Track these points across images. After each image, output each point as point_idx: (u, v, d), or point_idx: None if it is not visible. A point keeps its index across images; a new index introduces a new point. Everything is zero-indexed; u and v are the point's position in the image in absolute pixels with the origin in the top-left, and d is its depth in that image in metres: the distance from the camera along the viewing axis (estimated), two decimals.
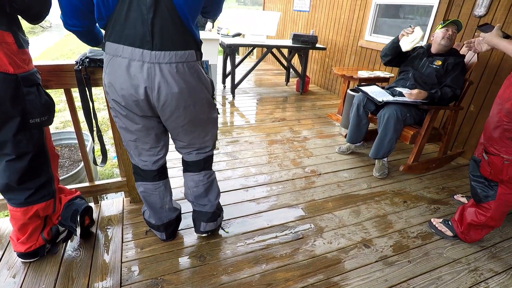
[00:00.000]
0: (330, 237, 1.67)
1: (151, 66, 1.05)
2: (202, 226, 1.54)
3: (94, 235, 1.58)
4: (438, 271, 1.50)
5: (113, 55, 1.07)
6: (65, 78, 1.40)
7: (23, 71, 1.09)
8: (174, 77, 1.08)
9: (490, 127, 1.42)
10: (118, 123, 1.26)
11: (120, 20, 1.02)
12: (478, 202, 1.57)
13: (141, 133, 1.25)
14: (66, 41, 11.70)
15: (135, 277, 1.35)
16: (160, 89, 1.09)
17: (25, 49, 1.11)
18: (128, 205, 1.81)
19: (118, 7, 1.00)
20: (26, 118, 1.13)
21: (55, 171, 1.35)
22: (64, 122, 4.18)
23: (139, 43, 1.02)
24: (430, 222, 1.80)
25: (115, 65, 1.08)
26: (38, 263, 1.39)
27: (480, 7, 2.40)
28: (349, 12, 3.94)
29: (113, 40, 1.05)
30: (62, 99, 5.00)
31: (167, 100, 1.12)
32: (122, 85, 1.09)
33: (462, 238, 1.67)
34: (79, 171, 2.41)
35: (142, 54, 1.03)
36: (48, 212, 1.36)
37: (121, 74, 1.07)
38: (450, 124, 2.37)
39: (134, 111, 1.17)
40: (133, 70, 1.06)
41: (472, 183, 1.58)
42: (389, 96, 2.29)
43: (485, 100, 2.48)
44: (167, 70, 1.07)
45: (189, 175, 1.47)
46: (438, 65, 2.22)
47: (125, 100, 1.13)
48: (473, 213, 1.59)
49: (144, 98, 1.10)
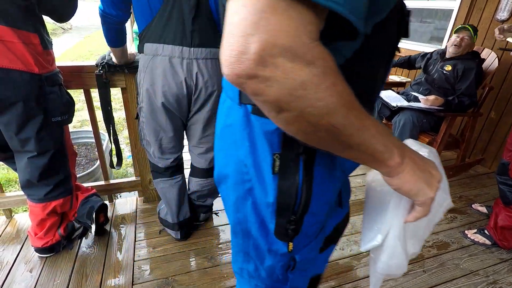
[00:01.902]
0: (342, 244, 1.64)
1: (189, 62, 1.15)
2: (201, 216, 1.67)
3: (108, 233, 1.61)
4: (454, 283, 1.45)
5: (153, 54, 1.15)
6: (85, 79, 1.44)
7: (47, 71, 1.13)
8: (208, 71, 1.19)
9: None
10: (148, 123, 1.29)
11: (162, 21, 1.10)
12: (508, 205, 1.57)
13: (168, 132, 1.31)
14: (85, 42, 12.05)
15: (146, 276, 1.37)
16: (198, 80, 1.18)
17: (50, 50, 1.15)
18: (142, 204, 1.84)
19: (162, 9, 1.09)
20: (48, 116, 1.17)
21: (72, 168, 1.39)
22: (81, 121, 4.29)
23: (179, 41, 1.12)
24: (464, 234, 1.77)
25: (156, 63, 1.15)
26: (54, 258, 1.42)
27: (503, 11, 2.33)
28: None
29: (152, 41, 1.14)
30: (80, 99, 5.14)
31: (202, 91, 1.21)
32: (163, 82, 1.16)
33: (501, 245, 1.65)
34: (95, 170, 2.47)
35: (181, 51, 1.13)
36: (65, 209, 1.40)
37: (162, 71, 1.15)
38: (468, 131, 2.30)
39: (171, 107, 1.23)
40: (174, 66, 1.15)
41: (500, 186, 1.59)
42: (404, 102, 2.25)
43: (506, 106, 2.39)
44: (203, 64, 1.17)
45: (195, 180, 1.53)
46: (448, 71, 2.18)
47: (166, 97, 1.19)
48: (504, 217, 1.59)
49: (185, 92, 1.19)
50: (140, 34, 1.18)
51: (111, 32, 1.22)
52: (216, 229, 1.69)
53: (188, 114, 1.31)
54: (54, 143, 1.23)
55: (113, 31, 1.22)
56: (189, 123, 1.35)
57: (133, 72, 1.44)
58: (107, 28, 1.19)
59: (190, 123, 1.35)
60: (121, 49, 1.32)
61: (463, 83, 2.11)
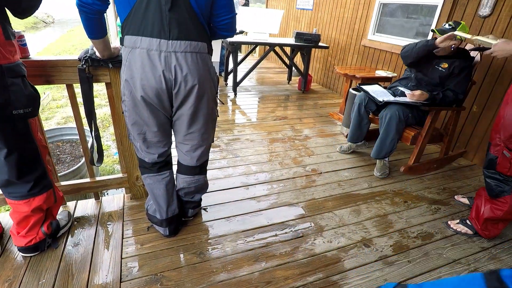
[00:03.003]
0: (330, 236, 1.67)
1: (168, 55, 1.13)
2: (189, 212, 1.66)
3: (95, 230, 1.58)
4: (438, 271, 1.50)
5: (132, 47, 1.13)
6: (67, 74, 1.40)
7: (8, 62, 1.09)
8: (188, 65, 1.16)
9: (510, 127, 1.47)
10: (130, 117, 1.27)
11: (139, 13, 1.08)
12: (494, 197, 1.62)
13: (152, 127, 1.29)
14: (68, 36, 11.70)
15: (135, 273, 1.36)
16: (177, 74, 1.16)
17: (12, 41, 1.11)
18: (129, 201, 1.82)
19: (138, 1, 1.07)
20: (9, 109, 1.12)
21: (46, 163, 1.34)
22: (65, 117, 4.19)
23: (157, 33, 1.10)
24: (447, 224, 1.82)
25: (134, 56, 1.14)
26: (39, 258, 1.39)
27: (485, 7, 2.38)
28: (353, 11, 3.92)
29: (131, 33, 1.12)
30: (64, 95, 5.01)
31: (181, 85, 1.18)
32: (142, 75, 1.14)
33: (483, 234, 1.71)
34: (80, 167, 2.42)
35: (159, 43, 1.11)
36: (51, 203, 1.37)
37: (140, 64, 1.13)
38: (451, 124, 2.36)
39: (152, 101, 1.20)
40: (152, 59, 1.12)
41: (487, 180, 1.64)
42: (390, 96, 2.28)
43: (488, 100, 2.46)
44: (183, 58, 1.15)
45: (182, 177, 1.52)
46: (444, 68, 2.16)
47: (145, 90, 1.17)
48: (489, 209, 1.64)
49: (164, 86, 1.16)
50: (122, 26, 1.15)
51: (90, 23, 1.16)
52: (205, 225, 1.69)
53: (172, 109, 1.29)
54: (18, 137, 1.19)
55: (91, 21, 1.16)
56: (173, 119, 1.34)
57: (118, 67, 1.41)
58: (84, 18, 1.14)
59: (175, 119, 1.33)
60: (102, 41, 1.27)
61: (453, 80, 2.13)
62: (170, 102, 1.24)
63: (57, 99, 4.97)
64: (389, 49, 3.37)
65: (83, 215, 1.69)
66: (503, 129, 1.51)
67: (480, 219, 1.69)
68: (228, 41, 3.63)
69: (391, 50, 3.34)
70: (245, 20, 3.82)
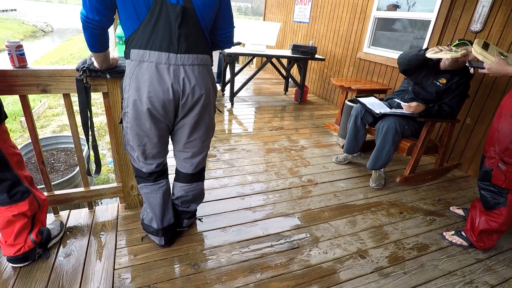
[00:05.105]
0: (325, 247, 1.66)
1: (176, 68, 1.16)
2: (184, 222, 1.65)
3: (87, 241, 1.55)
4: (434, 283, 1.49)
5: (140, 60, 1.15)
6: (64, 83, 1.40)
7: None
8: (196, 77, 1.20)
9: (506, 140, 1.48)
10: (132, 129, 1.27)
11: (149, 27, 1.10)
12: (489, 209, 1.62)
13: (153, 138, 1.29)
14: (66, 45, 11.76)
15: (127, 285, 1.33)
16: (185, 86, 1.18)
17: None
18: (123, 211, 1.80)
19: (148, 17, 1.09)
20: None
21: (18, 170, 1.29)
22: (61, 126, 4.17)
23: (166, 47, 1.13)
24: (443, 235, 1.82)
25: (142, 70, 1.15)
26: (29, 268, 1.36)
27: (476, 23, 2.45)
28: (348, 24, 4.01)
29: (139, 47, 1.13)
30: (60, 103, 5.00)
31: (189, 96, 1.21)
32: (149, 88, 1.15)
33: (478, 246, 1.71)
34: (74, 176, 2.40)
35: (168, 57, 1.13)
36: (35, 209, 1.33)
37: (148, 77, 1.15)
38: (446, 136, 2.39)
39: (157, 113, 1.21)
40: (161, 72, 1.14)
41: (482, 192, 1.64)
42: (386, 108, 2.31)
43: (481, 113, 2.51)
44: (190, 70, 1.18)
45: (180, 185, 1.52)
46: (442, 83, 2.19)
47: (152, 103, 1.18)
48: (485, 220, 1.65)
49: (172, 97, 1.18)
50: (126, 40, 1.16)
51: (93, 38, 1.18)
52: (199, 235, 1.67)
53: (175, 119, 1.30)
54: None
55: (95, 37, 1.17)
56: (175, 128, 1.34)
57: (115, 77, 1.42)
58: (89, 34, 1.15)
59: (176, 128, 1.34)
60: (104, 54, 1.29)
61: (449, 95, 2.17)
62: (175, 113, 1.26)
63: (53, 107, 4.96)
64: (384, 62, 3.43)
65: (75, 224, 1.67)
66: (497, 142, 1.53)
67: (475, 230, 1.69)
68: (226, 52, 3.68)
69: (386, 63, 3.40)
70: (243, 32, 3.88)
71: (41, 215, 1.41)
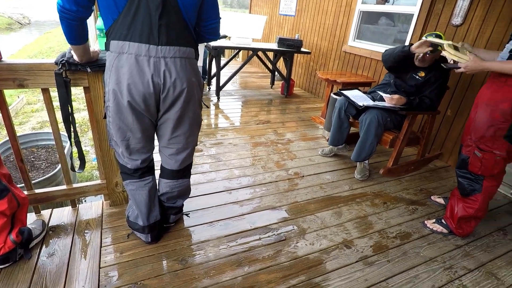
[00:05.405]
0: (312, 239, 1.69)
1: (157, 60, 1.12)
2: (171, 218, 1.63)
3: (71, 240, 1.52)
4: (416, 270, 1.54)
5: (119, 52, 1.11)
6: (43, 77, 1.35)
7: None
8: (177, 70, 1.16)
9: (482, 128, 1.54)
10: (114, 123, 1.24)
11: (128, 18, 1.07)
12: (466, 196, 1.69)
13: (136, 133, 1.26)
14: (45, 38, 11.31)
15: (114, 283, 1.32)
16: (166, 79, 1.15)
17: None
18: (108, 208, 1.77)
19: (127, 7, 1.06)
20: None
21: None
22: (41, 122, 4.03)
23: (146, 39, 1.09)
24: (424, 224, 1.88)
25: (121, 62, 1.12)
26: (10, 270, 1.32)
27: (457, 17, 2.51)
28: (334, 18, 4.02)
29: (118, 38, 1.10)
30: (40, 99, 4.82)
31: (170, 90, 1.17)
32: (129, 80, 1.12)
33: (457, 232, 1.78)
34: (56, 173, 2.33)
35: (148, 49, 1.10)
36: (14, 207, 1.29)
37: (128, 69, 1.11)
38: (427, 128, 2.46)
39: (138, 106, 1.18)
40: (140, 64, 1.11)
41: (459, 179, 1.71)
42: (369, 101, 2.35)
43: (460, 105, 2.58)
44: (172, 63, 1.15)
45: (165, 181, 1.51)
46: (421, 77, 2.25)
47: (131, 96, 1.15)
48: (462, 207, 1.71)
49: (152, 90, 1.15)
50: (107, 31, 1.13)
51: (71, 29, 1.13)
52: (186, 230, 1.67)
53: (158, 114, 1.27)
54: None
55: (72, 28, 1.13)
56: (158, 123, 1.32)
57: (97, 71, 1.38)
58: (66, 24, 1.10)
59: (160, 123, 1.31)
60: (83, 47, 1.24)
61: (429, 88, 2.23)
62: (156, 107, 1.23)
63: (32, 103, 4.78)
64: (369, 55, 3.47)
65: (58, 223, 1.63)
66: (474, 131, 1.59)
67: (454, 218, 1.76)
68: (211, 46, 3.63)
69: (371, 56, 3.45)
70: (228, 25, 3.83)
71: (21, 214, 1.37)
